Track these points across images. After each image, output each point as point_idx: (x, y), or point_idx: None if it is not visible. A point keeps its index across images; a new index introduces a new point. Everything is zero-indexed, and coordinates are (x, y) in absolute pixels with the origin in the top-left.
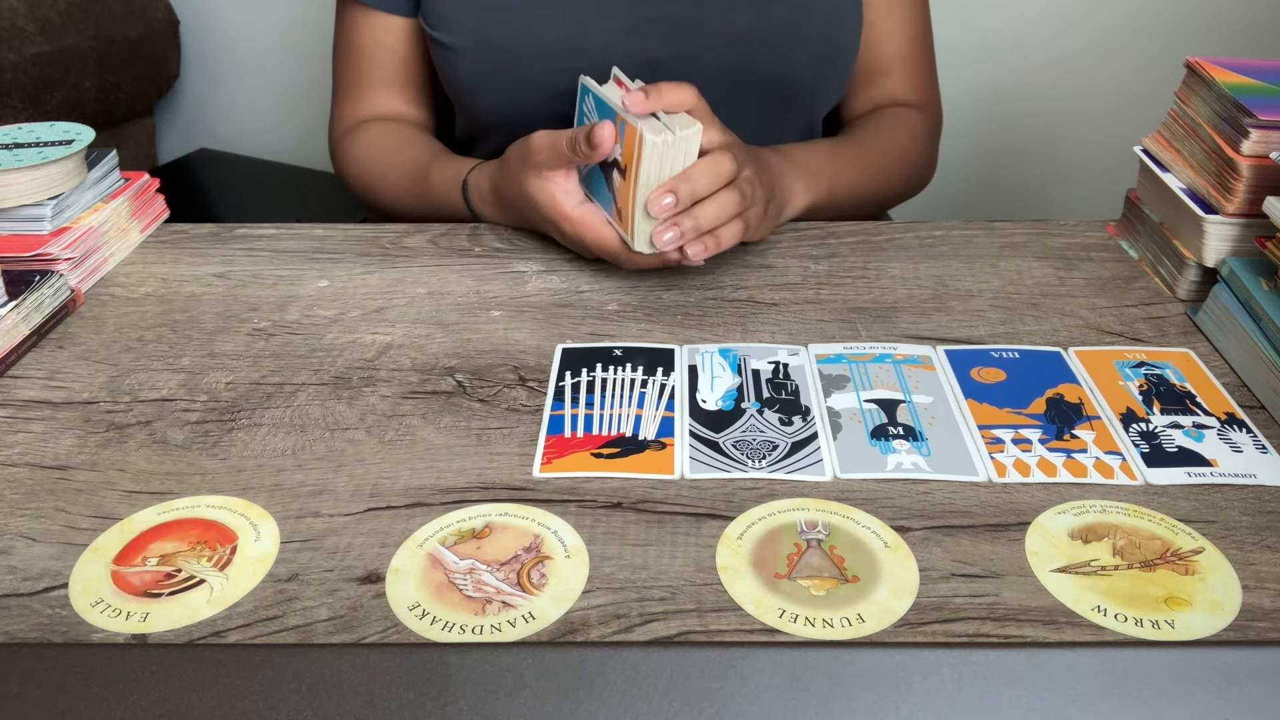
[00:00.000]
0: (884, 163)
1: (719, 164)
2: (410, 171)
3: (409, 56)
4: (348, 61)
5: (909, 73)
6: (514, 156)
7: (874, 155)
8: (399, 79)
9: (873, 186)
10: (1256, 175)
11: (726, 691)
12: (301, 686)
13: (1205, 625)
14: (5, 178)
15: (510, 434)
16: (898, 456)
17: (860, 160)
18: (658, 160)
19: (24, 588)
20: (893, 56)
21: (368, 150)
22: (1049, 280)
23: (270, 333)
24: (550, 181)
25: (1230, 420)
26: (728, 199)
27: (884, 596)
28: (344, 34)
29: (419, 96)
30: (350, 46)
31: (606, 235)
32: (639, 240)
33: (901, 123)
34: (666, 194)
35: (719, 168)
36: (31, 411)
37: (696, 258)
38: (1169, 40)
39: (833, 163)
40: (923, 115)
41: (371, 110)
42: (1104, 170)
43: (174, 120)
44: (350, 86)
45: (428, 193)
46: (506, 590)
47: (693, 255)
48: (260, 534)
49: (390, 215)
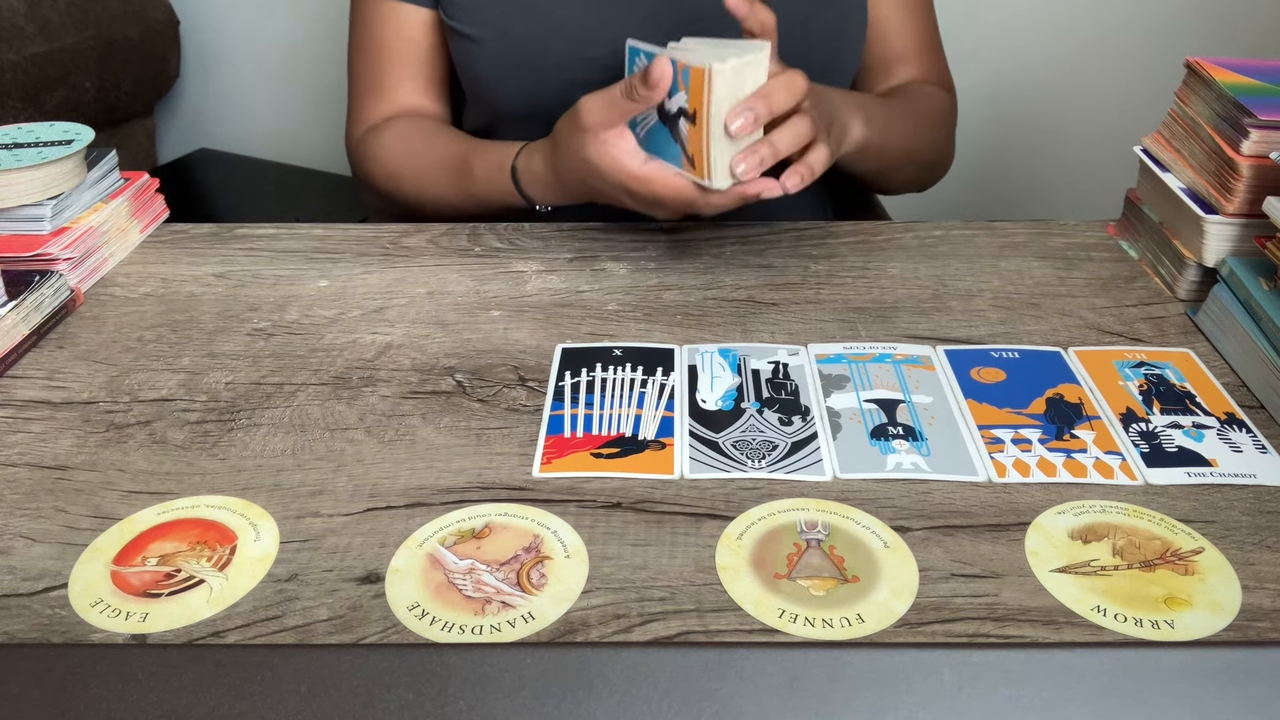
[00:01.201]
0: (923, 124)
1: (793, 81)
2: (447, 164)
3: (431, 49)
4: (368, 58)
5: (924, 60)
6: (564, 129)
7: (915, 115)
8: (421, 73)
9: (914, 144)
10: (1256, 175)
11: (726, 692)
12: (301, 687)
13: (1205, 625)
14: (5, 178)
15: (510, 434)
16: (897, 456)
17: (904, 115)
18: (728, 87)
19: (24, 588)
20: (909, 46)
21: (394, 147)
22: (1049, 280)
23: (270, 333)
24: (610, 145)
25: (1230, 420)
26: (800, 124)
27: (884, 597)
28: (364, 29)
29: (439, 91)
30: (371, 42)
31: (680, 184)
32: (718, 176)
33: (931, 93)
34: (744, 111)
35: (793, 84)
36: (31, 411)
37: (793, 188)
38: (1169, 40)
39: (884, 109)
40: (946, 94)
41: (393, 107)
42: (1104, 170)
43: (174, 120)
44: (371, 84)
45: (469, 184)
46: (506, 590)
47: (790, 186)
48: (260, 534)
49: (422, 213)
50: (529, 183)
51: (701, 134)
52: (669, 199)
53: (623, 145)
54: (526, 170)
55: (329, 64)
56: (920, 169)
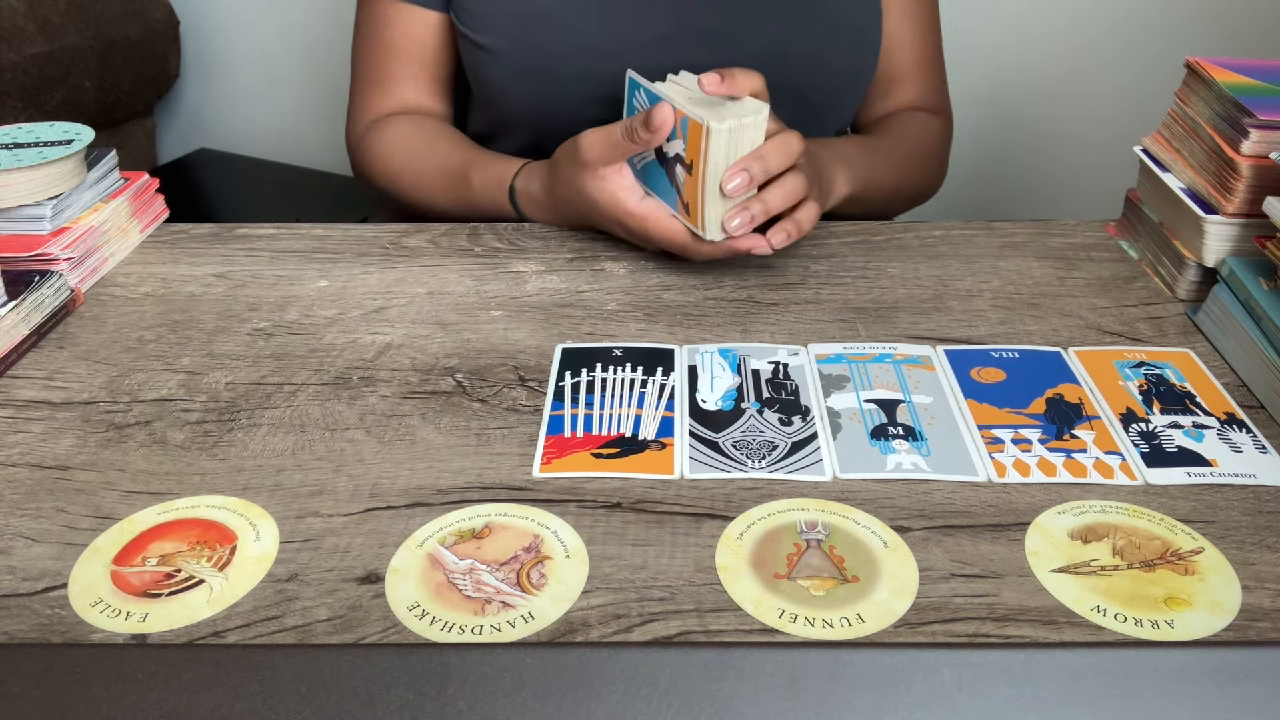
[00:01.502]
0: (910, 160)
1: (789, 143)
2: (446, 170)
3: (438, 50)
4: (372, 55)
5: (924, 81)
6: (564, 160)
7: (901, 153)
8: (426, 73)
9: (900, 183)
10: (1256, 175)
11: (726, 692)
12: (301, 687)
13: (1205, 625)
14: (5, 178)
15: (510, 434)
16: (897, 456)
17: (890, 157)
18: (724, 147)
19: (24, 588)
20: (908, 65)
21: (395, 146)
22: (1049, 280)
23: (270, 333)
24: (608, 181)
25: (1230, 420)
26: (793, 182)
27: (884, 597)
28: (371, 27)
29: (443, 90)
30: (377, 40)
31: (674, 228)
32: (710, 229)
33: (922, 125)
34: (739, 172)
35: (789, 145)
36: (31, 411)
37: (779, 245)
38: (1169, 40)
39: (866, 157)
40: (939, 121)
41: (395, 104)
42: (1104, 170)
43: (174, 120)
44: (374, 80)
45: (467, 194)
46: (506, 590)
47: (776, 244)
48: (260, 534)
49: (418, 213)
50: (526, 203)
51: (697, 185)
52: (661, 240)
53: (621, 182)
54: (524, 191)
55: (329, 64)
56: (907, 200)
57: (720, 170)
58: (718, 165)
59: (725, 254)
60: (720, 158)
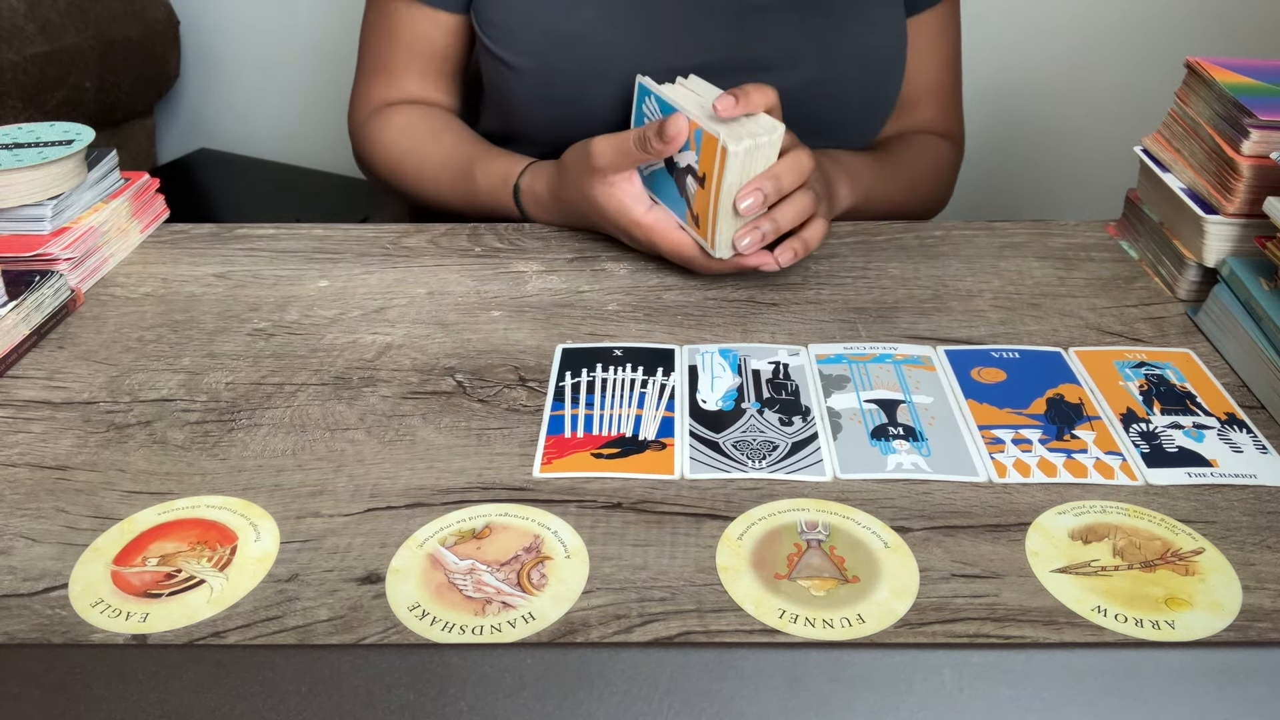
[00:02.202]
0: (914, 179)
1: (800, 161)
2: (450, 164)
3: (450, 50)
4: (380, 45)
5: (939, 106)
6: (574, 164)
7: (906, 171)
8: (434, 69)
9: (902, 200)
10: (1256, 175)
11: (726, 692)
12: (301, 687)
13: (1205, 626)
14: (5, 178)
15: (510, 434)
16: (898, 457)
17: (895, 174)
18: (740, 167)
19: (24, 588)
20: (925, 89)
21: (399, 136)
22: (1049, 280)
23: (270, 333)
24: (616, 188)
25: (1230, 420)
26: (803, 199)
27: (884, 597)
28: (381, 20)
29: (451, 85)
30: (386, 32)
31: (681, 240)
32: (720, 246)
33: (932, 147)
34: (754, 192)
35: (801, 165)
36: (31, 411)
37: (786, 263)
38: (1169, 40)
39: (872, 171)
40: (949, 146)
41: (400, 94)
42: (1104, 170)
43: (174, 120)
44: (379, 69)
45: (469, 189)
46: (506, 590)
47: (783, 261)
48: (260, 534)
49: (419, 203)
50: (530, 202)
51: (709, 200)
52: (668, 253)
53: (629, 190)
54: (529, 191)
55: (330, 64)
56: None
57: (734, 189)
58: (732, 185)
59: (732, 269)
60: (735, 177)
